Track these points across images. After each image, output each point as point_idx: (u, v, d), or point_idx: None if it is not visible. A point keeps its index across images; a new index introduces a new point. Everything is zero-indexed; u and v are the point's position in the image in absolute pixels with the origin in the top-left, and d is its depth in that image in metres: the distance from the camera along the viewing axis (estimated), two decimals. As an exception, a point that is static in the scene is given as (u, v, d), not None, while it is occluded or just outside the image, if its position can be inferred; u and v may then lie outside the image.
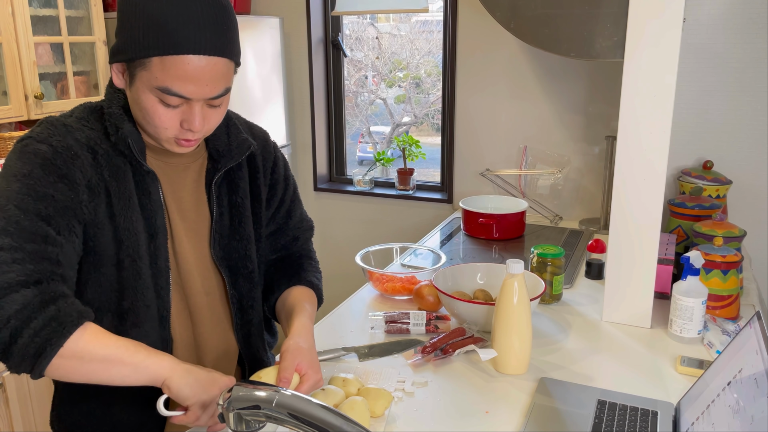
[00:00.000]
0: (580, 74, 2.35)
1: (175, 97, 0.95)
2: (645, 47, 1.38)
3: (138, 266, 1.02)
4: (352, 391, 1.14)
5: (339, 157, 3.04)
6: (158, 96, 0.95)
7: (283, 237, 1.29)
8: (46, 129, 0.98)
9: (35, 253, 0.88)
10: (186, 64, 0.93)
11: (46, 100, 2.27)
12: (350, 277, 3.00)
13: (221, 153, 1.13)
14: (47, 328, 0.85)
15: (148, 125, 0.99)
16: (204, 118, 0.99)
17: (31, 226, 0.89)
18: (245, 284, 1.18)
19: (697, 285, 1.37)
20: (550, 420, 1.09)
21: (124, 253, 1.01)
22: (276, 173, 1.24)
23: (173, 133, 0.99)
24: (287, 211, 1.28)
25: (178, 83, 0.93)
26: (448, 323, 1.46)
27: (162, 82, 0.93)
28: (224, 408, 0.81)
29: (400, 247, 1.93)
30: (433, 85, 3.01)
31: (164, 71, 0.93)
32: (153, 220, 1.04)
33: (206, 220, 1.13)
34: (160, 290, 1.06)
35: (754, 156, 2.13)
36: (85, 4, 2.38)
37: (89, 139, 0.99)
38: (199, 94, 0.96)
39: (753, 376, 0.85)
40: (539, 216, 2.48)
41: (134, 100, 0.98)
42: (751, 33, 2.04)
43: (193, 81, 0.94)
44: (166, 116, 0.97)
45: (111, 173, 1.00)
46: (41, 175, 0.93)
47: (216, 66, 0.95)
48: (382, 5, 2.70)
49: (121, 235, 1.01)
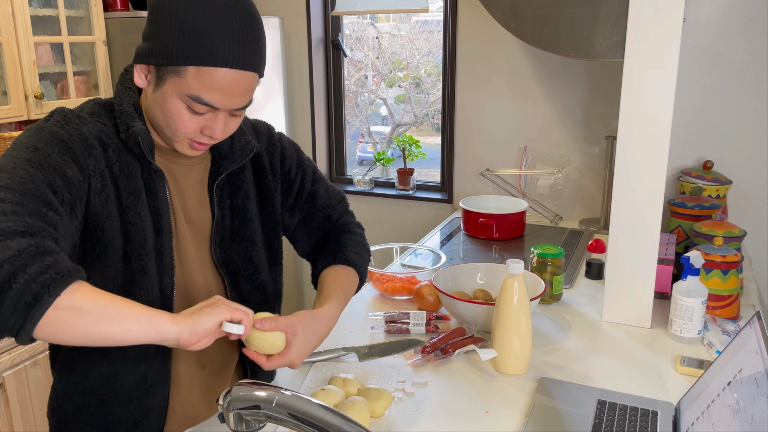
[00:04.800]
0: (580, 74, 2.35)
1: (205, 106, 0.96)
2: (645, 47, 1.38)
3: (144, 262, 1.02)
4: (352, 391, 1.15)
5: (339, 157, 3.04)
6: (187, 103, 0.96)
7: (314, 221, 1.27)
8: (62, 117, 0.98)
9: (36, 211, 0.86)
10: (222, 77, 0.94)
11: (46, 100, 2.27)
12: (350, 277, 3.00)
13: (223, 156, 1.13)
14: (44, 275, 0.81)
15: (167, 127, 1.00)
16: (225, 126, 1.01)
17: (35, 190, 0.88)
18: (246, 286, 1.17)
19: (697, 285, 1.37)
20: (550, 420, 1.09)
21: (131, 247, 1.01)
22: (286, 164, 1.23)
23: (192, 137, 1.01)
24: (309, 195, 1.26)
25: (210, 94, 0.95)
26: (448, 323, 1.46)
27: (195, 91, 0.95)
28: (224, 408, 0.81)
29: (400, 247, 1.93)
30: (433, 85, 3.01)
31: (198, 81, 0.94)
32: (159, 218, 1.04)
33: (208, 221, 1.14)
34: (165, 288, 1.06)
35: (754, 156, 2.13)
36: (85, 4, 2.38)
37: (101, 133, 1.00)
38: (228, 105, 0.98)
39: (753, 376, 0.85)
40: (539, 216, 2.48)
41: (158, 103, 0.99)
42: (751, 33, 2.04)
43: (225, 93, 0.96)
44: (190, 122, 0.98)
45: (121, 168, 1.01)
46: (56, 152, 0.93)
47: (247, 80, 0.98)
48: (382, 5, 2.70)
49: (129, 230, 1.01)
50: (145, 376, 1.07)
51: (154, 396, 1.09)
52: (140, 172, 1.03)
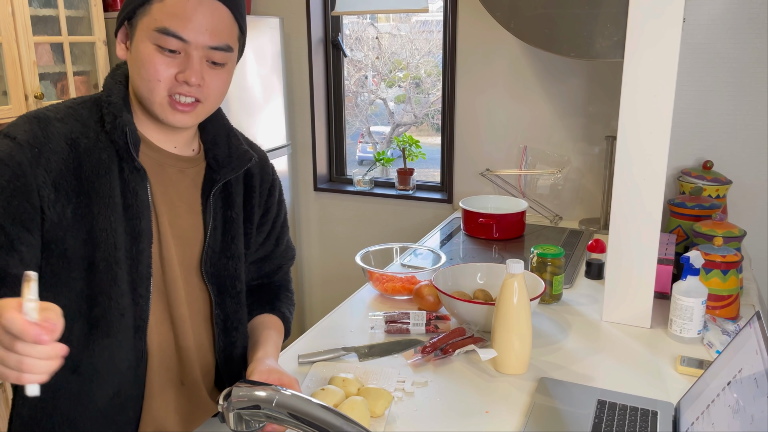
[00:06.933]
0: (580, 74, 2.35)
1: (173, 38, 0.92)
2: (645, 47, 1.38)
3: (114, 271, 0.95)
4: (352, 391, 1.15)
5: (339, 157, 3.04)
6: (156, 41, 0.92)
7: (269, 264, 1.24)
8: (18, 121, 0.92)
9: None
10: (186, 2, 0.92)
11: (46, 100, 2.27)
12: (350, 277, 3.00)
13: (221, 163, 1.08)
14: None
15: (143, 83, 0.94)
16: (203, 76, 0.95)
17: None
18: (232, 305, 1.12)
19: (697, 285, 1.37)
20: (550, 420, 1.09)
21: (100, 256, 0.94)
22: (272, 198, 1.20)
23: (167, 87, 0.94)
24: (277, 238, 1.23)
25: (176, 22, 0.91)
26: (448, 323, 1.46)
27: (160, 22, 0.91)
28: (224, 408, 0.81)
29: (400, 247, 1.93)
30: (433, 85, 3.01)
31: (163, 11, 0.92)
32: (137, 222, 0.97)
33: (198, 231, 1.07)
34: (139, 298, 0.98)
35: (754, 156, 2.13)
36: (85, 4, 2.38)
37: (71, 131, 0.94)
38: (198, 38, 0.93)
39: (753, 376, 0.85)
40: (539, 216, 2.48)
41: (133, 59, 0.95)
42: (751, 33, 2.04)
43: (192, 21, 0.92)
44: (162, 64, 0.93)
45: (91, 169, 0.93)
46: None
47: (217, 11, 0.94)
48: (382, 5, 2.70)
49: (98, 237, 0.94)
50: (118, 391, 1.00)
51: (127, 412, 1.02)
52: (117, 171, 0.96)
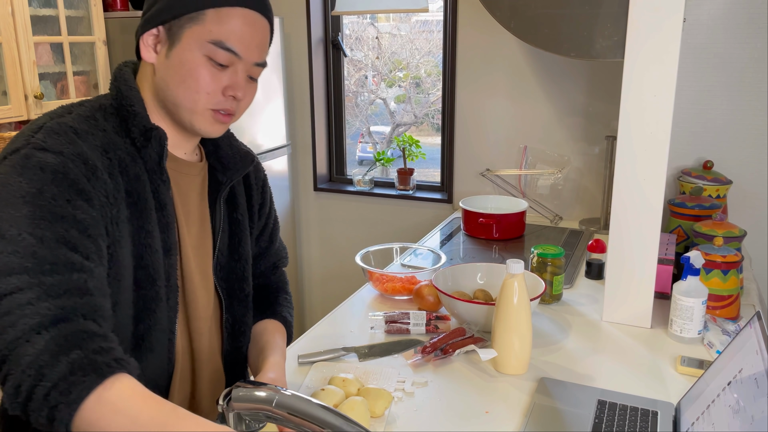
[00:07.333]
0: (580, 74, 2.35)
1: (227, 53, 0.90)
2: (645, 47, 1.38)
3: (157, 286, 0.93)
4: (352, 391, 1.14)
5: (339, 157, 3.04)
6: (208, 53, 0.90)
7: (264, 262, 1.22)
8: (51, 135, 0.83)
9: (56, 285, 0.75)
10: (242, 16, 0.90)
11: (46, 100, 2.27)
12: (350, 277, 3.00)
13: (226, 165, 1.06)
14: (62, 384, 0.69)
15: (186, 92, 0.91)
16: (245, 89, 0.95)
17: (50, 255, 0.76)
18: (239, 309, 1.11)
19: (697, 285, 1.37)
20: (550, 420, 1.09)
21: (143, 271, 0.91)
22: (265, 193, 1.19)
23: (214, 101, 0.93)
24: (270, 234, 1.22)
25: (232, 37, 0.90)
26: (448, 323, 1.46)
27: (216, 35, 0.89)
28: (224, 408, 0.81)
29: (400, 247, 1.93)
30: (433, 85, 3.01)
31: (219, 23, 0.89)
32: (167, 235, 0.95)
33: (208, 237, 1.05)
34: (170, 311, 0.97)
35: (754, 156, 2.13)
36: (85, 4, 2.38)
37: (102, 143, 0.88)
38: (249, 54, 0.92)
39: (753, 376, 0.85)
40: (539, 216, 2.48)
41: (173, 66, 0.91)
42: (751, 33, 2.04)
43: (246, 37, 0.91)
44: (212, 78, 0.91)
45: (129, 183, 0.89)
46: (55, 192, 0.79)
47: (264, 28, 0.94)
48: (382, 5, 2.70)
49: (141, 252, 0.90)
50: None
51: None
52: (149, 184, 0.92)
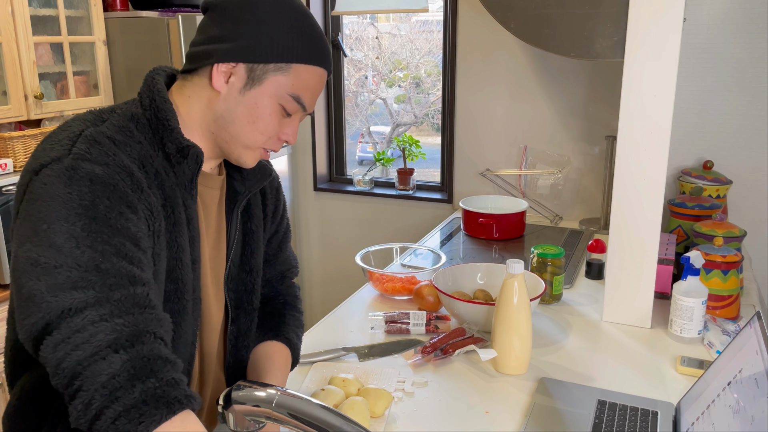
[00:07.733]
0: (580, 74, 2.35)
1: (299, 106, 0.94)
2: (645, 47, 1.38)
3: (185, 300, 0.93)
4: (352, 391, 1.14)
5: (339, 157, 3.04)
6: (283, 102, 0.92)
7: (270, 270, 1.19)
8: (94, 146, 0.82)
9: (123, 300, 0.75)
10: (319, 76, 0.94)
11: (45, 100, 2.27)
12: (350, 277, 3.00)
13: (245, 176, 1.06)
14: (134, 411, 0.70)
15: (251, 131, 0.93)
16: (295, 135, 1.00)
17: (112, 269, 0.76)
18: (245, 321, 1.09)
19: (697, 285, 1.37)
20: (550, 420, 1.09)
21: (173, 285, 0.91)
22: (279, 200, 1.18)
23: (269, 143, 0.96)
24: (280, 242, 1.19)
25: (308, 94, 0.94)
26: (448, 323, 1.46)
27: (296, 89, 0.92)
28: (224, 408, 0.81)
29: (400, 247, 1.93)
30: (433, 85, 3.01)
31: (301, 80, 0.92)
32: (194, 248, 0.95)
33: (222, 248, 1.05)
34: (194, 324, 0.97)
35: (754, 156, 2.13)
36: (85, 4, 2.38)
37: (141, 156, 0.87)
38: (311, 108, 0.97)
39: (753, 376, 0.85)
40: (539, 216, 2.48)
41: (246, 104, 0.92)
42: (751, 33, 2.04)
43: (315, 95, 0.95)
44: (276, 125, 0.94)
45: (165, 196, 0.89)
46: (107, 204, 0.78)
47: None
48: (382, 5, 2.70)
49: (173, 266, 0.91)
50: None
51: None
52: (180, 199, 0.92)
